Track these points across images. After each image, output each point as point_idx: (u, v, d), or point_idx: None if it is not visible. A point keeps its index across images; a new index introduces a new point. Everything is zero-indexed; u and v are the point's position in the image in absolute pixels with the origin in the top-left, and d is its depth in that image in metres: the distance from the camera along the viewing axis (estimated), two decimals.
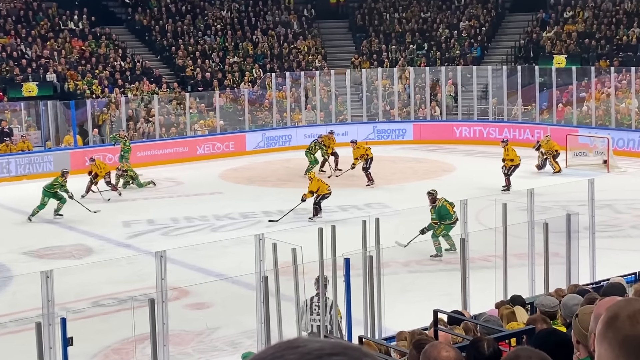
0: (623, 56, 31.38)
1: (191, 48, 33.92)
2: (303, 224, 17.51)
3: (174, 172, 25.64)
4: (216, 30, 35.19)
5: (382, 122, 31.63)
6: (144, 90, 30.74)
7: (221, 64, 33.50)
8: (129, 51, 33.26)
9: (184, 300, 13.07)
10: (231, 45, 34.70)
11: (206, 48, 34.11)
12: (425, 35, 36.13)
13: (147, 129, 28.79)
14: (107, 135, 27.91)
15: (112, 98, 29.48)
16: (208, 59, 33.51)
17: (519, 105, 30.49)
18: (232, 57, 33.93)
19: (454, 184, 22.46)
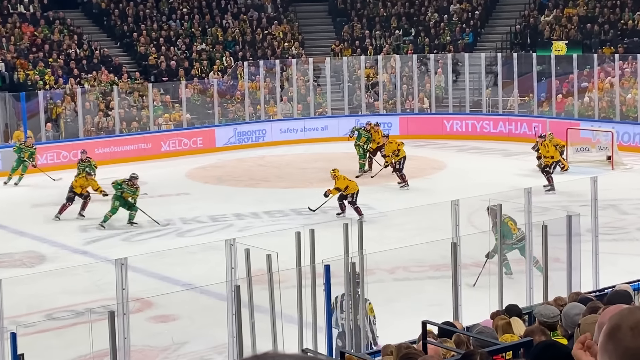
0: (628, 42, 31.60)
1: (154, 34, 33.80)
2: (279, 227, 17.51)
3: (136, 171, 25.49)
4: (182, 14, 35.09)
5: (366, 115, 31.62)
6: (102, 80, 30.60)
7: (188, 52, 33.40)
8: (86, 37, 33.09)
9: (148, 313, 13.03)
10: (199, 30, 34.60)
11: (171, 34, 34.00)
12: (412, 20, 36.21)
13: (106, 123, 28.66)
14: (62, 130, 27.76)
15: (67, 89, 29.32)
16: (173, 46, 33.41)
17: (515, 97, 30.62)
18: (199, 44, 33.84)
19: (445, 183, 22.55)
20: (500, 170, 24.26)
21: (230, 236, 11.58)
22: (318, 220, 18.11)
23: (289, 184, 23.55)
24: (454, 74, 31.89)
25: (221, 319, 10.53)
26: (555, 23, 33.77)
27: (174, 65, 32.27)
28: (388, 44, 35.11)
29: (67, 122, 28.23)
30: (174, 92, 30.52)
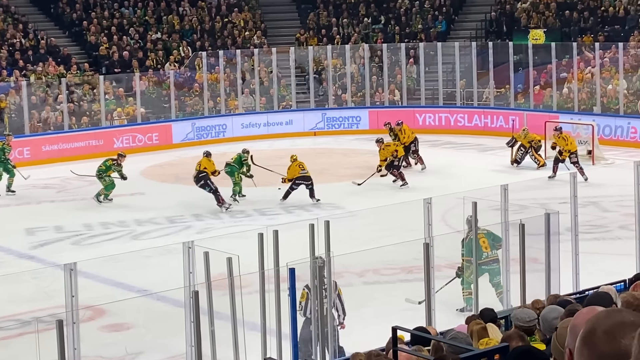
0: (609, 30, 31.90)
1: (106, 22, 33.60)
2: (241, 228, 17.47)
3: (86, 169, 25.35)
4: (135, 1, 34.92)
5: (333, 108, 31.71)
6: (49, 72, 30.36)
7: (141, 41, 33.24)
8: (31, 26, 32.82)
9: (100, 321, 12.95)
10: (153, 19, 34.45)
11: (124, 22, 33.82)
12: (382, 7, 36.31)
13: (54, 118, 28.45)
14: (6, 126, 27.50)
15: (12, 82, 29.07)
16: (126, 36, 33.23)
17: (490, 88, 30.81)
18: (154, 33, 33.70)
19: (417, 180, 22.62)
20: (475, 166, 24.40)
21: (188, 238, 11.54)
22: (282, 220, 18.10)
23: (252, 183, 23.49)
24: (426, 65, 31.99)
25: (179, 327, 10.49)
26: (532, 10, 34.02)
27: (127, 56, 32.10)
28: (356, 32, 35.17)
29: (12, 117, 27.99)
30: (128, 84, 30.37)
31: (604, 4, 33.04)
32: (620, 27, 31.93)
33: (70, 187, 23.40)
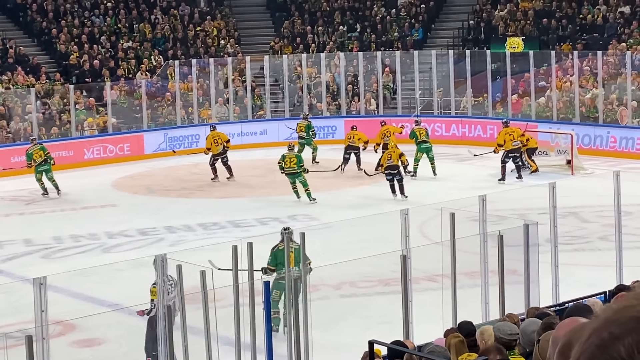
0: (587, 38, 32.13)
1: (76, 31, 33.48)
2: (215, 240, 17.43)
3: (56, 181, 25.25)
4: (106, 9, 34.83)
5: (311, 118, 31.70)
6: (17, 82, 30.20)
7: (113, 50, 33.16)
8: (0, 35, 32.65)
9: (70, 337, 12.88)
10: (125, 27, 34.37)
11: (94, 31, 33.71)
12: (357, 15, 36.42)
13: (23, 128, 28.30)
14: None
15: None
16: (97, 44, 33.13)
17: (468, 97, 30.94)
18: (126, 42, 33.61)
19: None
20: (453, 176, 24.45)
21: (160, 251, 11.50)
22: (256, 232, 18.07)
23: (226, 194, 23.49)
24: (403, 73, 32.08)
25: None
26: (510, 18, 34.22)
27: (98, 65, 32.00)
28: (332, 40, 35.25)
29: None
30: (98, 94, 30.26)
31: (583, 12, 33.28)
32: (599, 35, 32.17)
33: (39, 200, 23.28)
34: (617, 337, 1.13)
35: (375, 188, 23.36)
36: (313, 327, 11.04)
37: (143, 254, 15.62)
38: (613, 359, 1.12)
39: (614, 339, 1.13)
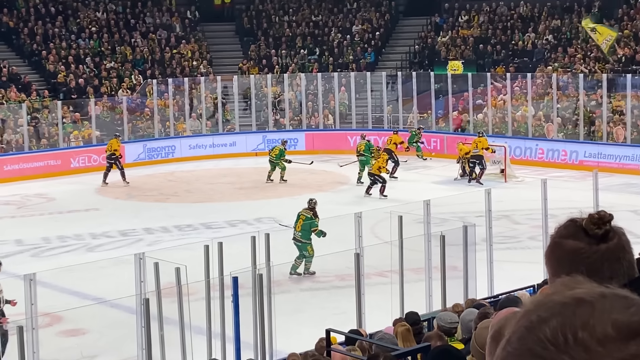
0: (519, 62, 32.43)
1: (63, 52, 33.19)
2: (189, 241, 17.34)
3: (45, 187, 25.01)
4: (91, 33, 34.54)
5: (273, 131, 31.69)
6: (10, 98, 29.87)
7: (96, 70, 32.90)
8: None
9: (57, 327, 12.75)
10: (108, 49, 34.12)
11: (80, 52, 33.43)
12: (316, 40, 36.46)
13: (15, 140, 28.00)
14: None
15: None
16: (82, 64, 32.86)
17: (414, 113, 31.09)
18: (108, 62, 33.37)
19: (349, 196, 22.70)
20: (401, 183, 24.54)
21: (139, 250, 11.42)
22: (226, 233, 18.00)
23: (198, 199, 23.40)
24: (357, 92, 32.16)
25: (131, 332, 10.38)
26: (451, 44, 34.45)
27: (83, 83, 31.74)
28: (294, 62, 35.24)
29: None
30: (83, 109, 30.01)
31: (514, 39, 33.60)
32: (528, 59, 32.48)
33: (29, 204, 23.04)
34: (543, 320, 1.12)
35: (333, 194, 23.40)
36: (276, 318, 11.04)
37: (123, 253, 15.50)
38: (539, 339, 1.10)
39: (541, 321, 1.12)
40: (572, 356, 1.07)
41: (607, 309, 1.10)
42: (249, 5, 38.27)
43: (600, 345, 1.07)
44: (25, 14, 34.46)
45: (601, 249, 2.05)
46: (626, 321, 1.08)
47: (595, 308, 1.10)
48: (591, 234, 2.05)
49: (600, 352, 1.06)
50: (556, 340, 1.09)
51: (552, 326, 1.10)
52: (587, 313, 1.10)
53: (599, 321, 1.08)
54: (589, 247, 2.05)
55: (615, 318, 1.08)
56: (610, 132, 26.81)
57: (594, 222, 2.06)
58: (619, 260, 2.06)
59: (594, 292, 1.13)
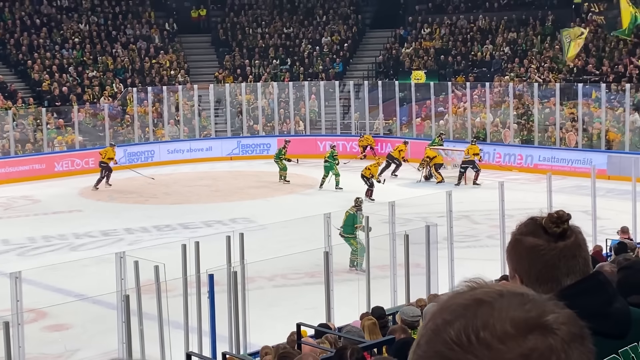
0: (477, 72, 32.63)
1: (48, 62, 32.92)
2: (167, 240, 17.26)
3: (30, 190, 24.80)
4: (74, 43, 34.28)
5: (247, 137, 31.66)
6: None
7: (79, 79, 32.66)
8: None
9: (42, 322, 12.64)
10: (90, 59, 33.88)
11: (64, 62, 33.18)
12: (288, 51, 36.45)
13: (2, 145, 27.72)
14: None
15: None
16: (65, 73, 32.61)
17: (380, 120, 31.17)
18: (91, 72, 33.14)
19: (319, 198, 22.71)
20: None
21: (120, 249, 11.35)
22: (203, 233, 17.94)
23: (176, 200, 23.30)
24: (326, 100, 32.19)
25: (112, 326, 10.31)
26: (414, 55, 34.58)
27: (67, 91, 31.49)
28: (266, 72, 35.21)
29: None
30: (67, 116, 29.77)
31: (474, 50, 33.79)
32: (486, 69, 32.69)
33: (15, 206, 22.83)
34: (448, 322, 1.12)
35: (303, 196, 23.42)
36: (250, 313, 11.02)
37: (105, 252, 15.39)
38: (445, 341, 1.11)
39: (446, 324, 1.12)
40: (477, 355, 1.07)
41: (505, 307, 1.11)
42: (224, 18, 38.22)
43: (501, 342, 1.08)
44: (12, 26, 34.15)
45: (559, 247, 2.07)
46: (523, 317, 1.10)
47: (494, 308, 1.11)
48: (550, 232, 2.07)
49: (502, 349, 1.07)
50: (460, 341, 1.09)
51: (456, 328, 1.11)
52: (487, 313, 1.11)
53: (498, 320, 1.10)
54: (547, 245, 2.07)
55: (512, 316, 1.10)
56: (563, 137, 27.04)
57: (552, 221, 2.08)
58: (575, 258, 2.08)
59: (493, 292, 1.14)
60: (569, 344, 1.09)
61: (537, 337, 1.08)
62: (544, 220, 2.10)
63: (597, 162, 23.43)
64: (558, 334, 1.09)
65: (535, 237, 2.07)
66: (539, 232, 2.09)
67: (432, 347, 1.12)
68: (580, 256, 2.09)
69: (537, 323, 1.09)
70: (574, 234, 2.10)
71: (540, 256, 2.07)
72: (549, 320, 1.10)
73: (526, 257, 2.08)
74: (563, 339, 1.09)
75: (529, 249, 2.07)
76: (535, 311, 1.11)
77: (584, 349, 1.11)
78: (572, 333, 1.10)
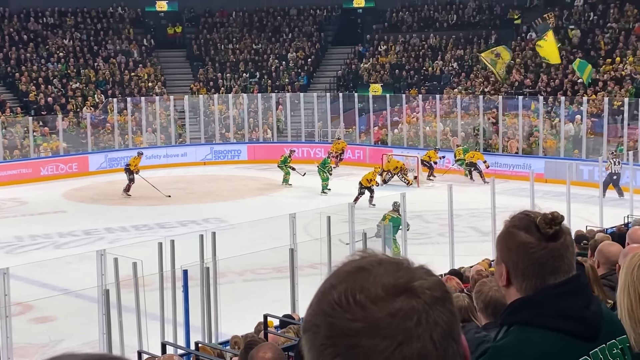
0: (429, 85, 32.84)
1: (34, 74, 32.50)
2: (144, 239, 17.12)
3: (18, 192, 24.46)
4: (59, 57, 33.90)
5: (219, 143, 31.50)
6: None
7: (63, 90, 32.29)
8: None
9: (29, 315, 12.46)
10: (73, 72, 33.52)
11: (49, 74, 32.78)
12: (257, 65, 36.37)
13: None
14: None
15: None
16: (51, 85, 32.22)
17: (341, 128, 31.20)
18: (74, 83, 32.78)
19: (285, 200, 22.68)
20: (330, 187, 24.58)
21: (101, 247, 11.23)
22: (178, 232, 17.81)
23: (154, 202, 23.11)
24: (292, 110, 32.18)
25: (93, 318, 10.19)
26: (372, 69, 34.71)
27: (52, 101, 31.10)
28: (237, 84, 35.10)
29: None
30: (52, 124, 29.40)
31: (425, 65, 34.00)
32: (437, 83, 32.91)
33: (4, 207, 22.50)
34: (333, 286, 1.19)
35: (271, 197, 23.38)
36: (221, 305, 10.96)
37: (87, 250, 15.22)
38: (329, 302, 1.17)
39: (332, 287, 1.19)
40: (353, 314, 1.15)
41: (380, 274, 1.18)
42: (198, 34, 38.05)
43: (373, 304, 1.15)
44: (1, 41, 33.69)
45: (549, 247, 2.02)
46: (393, 283, 1.17)
47: (371, 274, 1.18)
48: (542, 232, 2.03)
49: (374, 309, 1.15)
50: (341, 302, 1.16)
51: (338, 291, 1.17)
52: (364, 278, 1.18)
53: (373, 284, 1.17)
54: (538, 243, 2.02)
55: (385, 281, 1.17)
56: (505, 145, 27.30)
57: (547, 221, 2.04)
58: (562, 259, 2.04)
59: (374, 260, 1.21)
60: (430, 306, 1.16)
61: (403, 300, 1.15)
62: (539, 219, 2.04)
63: (536, 167, 23.68)
64: (422, 298, 1.16)
65: (528, 234, 2.03)
66: (532, 229, 2.04)
67: (319, 307, 1.19)
68: (566, 257, 2.04)
69: (405, 288, 1.17)
70: (564, 235, 2.06)
71: (530, 254, 2.02)
72: (415, 286, 1.17)
73: (515, 251, 2.04)
74: (426, 302, 1.16)
75: (519, 244, 2.03)
76: (405, 277, 1.18)
77: (445, 309, 1.18)
78: (434, 297, 1.18)
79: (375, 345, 1.13)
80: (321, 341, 1.16)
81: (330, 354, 1.15)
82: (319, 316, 1.18)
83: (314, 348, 1.17)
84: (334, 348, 1.15)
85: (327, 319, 1.16)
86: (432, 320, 1.15)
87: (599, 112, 26.12)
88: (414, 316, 1.15)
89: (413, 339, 1.14)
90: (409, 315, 1.15)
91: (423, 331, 1.14)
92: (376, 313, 1.15)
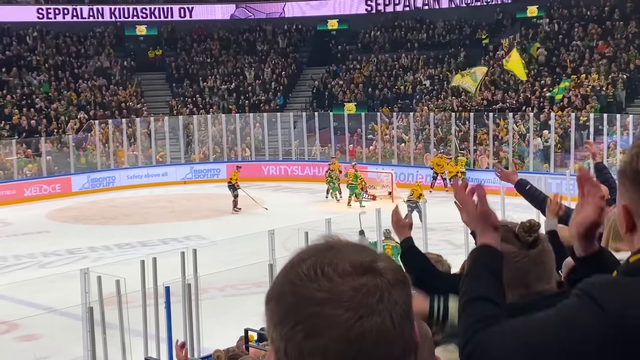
0: (401, 103, 33.06)
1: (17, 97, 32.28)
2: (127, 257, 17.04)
3: (2, 213, 24.25)
4: (42, 81, 33.71)
5: (199, 163, 31.47)
6: None
7: (47, 111, 32.12)
8: None
9: (14, 333, 12.36)
10: (56, 94, 33.36)
11: (33, 97, 32.58)
12: (234, 86, 36.41)
13: None
14: None
15: None
16: (34, 108, 32.03)
17: (317, 146, 31.29)
18: (58, 106, 32.61)
19: (264, 217, 22.68)
20: (307, 204, 24.67)
21: (85, 266, 11.19)
22: (160, 250, 17.76)
23: (135, 221, 23.02)
24: (269, 129, 32.23)
25: (78, 335, 10.15)
26: (346, 88, 34.87)
27: (35, 124, 30.91)
28: (216, 104, 35.10)
29: None
30: (35, 146, 29.22)
31: (398, 84, 34.24)
32: (409, 101, 33.13)
33: None
34: (302, 260, 1.25)
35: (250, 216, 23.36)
36: (203, 320, 10.96)
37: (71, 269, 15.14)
38: (297, 273, 1.23)
39: (301, 261, 1.25)
40: (319, 284, 1.20)
41: (348, 252, 1.25)
42: (177, 57, 38.06)
43: (340, 277, 1.21)
44: None
45: (530, 254, 2.06)
46: (359, 261, 1.23)
47: (339, 251, 1.25)
48: (522, 240, 2.06)
49: (340, 282, 1.20)
50: (309, 274, 1.22)
51: (307, 264, 1.23)
52: (333, 255, 1.24)
53: (341, 260, 1.23)
54: (519, 252, 2.05)
55: (352, 259, 1.24)
56: (476, 159, 27.52)
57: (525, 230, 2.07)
58: (543, 264, 2.07)
59: (342, 242, 1.29)
60: (393, 286, 1.22)
61: (368, 277, 1.21)
62: (517, 228, 2.07)
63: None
64: (385, 277, 1.22)
65: (508, 244, 2.03)
66: (511, 238, 2.07)
67: (286, 277, 1.24)
68: (547, 262, 2.07)
69: (370, 267, 1.23)
70: (541, 241, 2.09)
71: (513, 263, 2.04)
72: (379, 266, 1.24)
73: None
74: (389, 281, 1.22)
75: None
76: (370, 258, 1.25)
77: (405, 291, 1.25)
78: (397, 278, 1.24)
79: (337, 316, 1.17)
80: (285, 308, 1.21)
81: (292, 321, 1.19)
82: (285, 285, 1.23)
83: (276, 316, 1.23)
84: (297, 315, 1.19)
85: (293, 288, 1.21)
86: (392, 300, 1.21)
87: (566, 126, 26.46)
88: (376, 293, 1.20)
89: (374, 314, 1.18)
90: (372, 292, 1.20)
91: (384, 308, 1.19)
92: (341, 285, 1.20)
